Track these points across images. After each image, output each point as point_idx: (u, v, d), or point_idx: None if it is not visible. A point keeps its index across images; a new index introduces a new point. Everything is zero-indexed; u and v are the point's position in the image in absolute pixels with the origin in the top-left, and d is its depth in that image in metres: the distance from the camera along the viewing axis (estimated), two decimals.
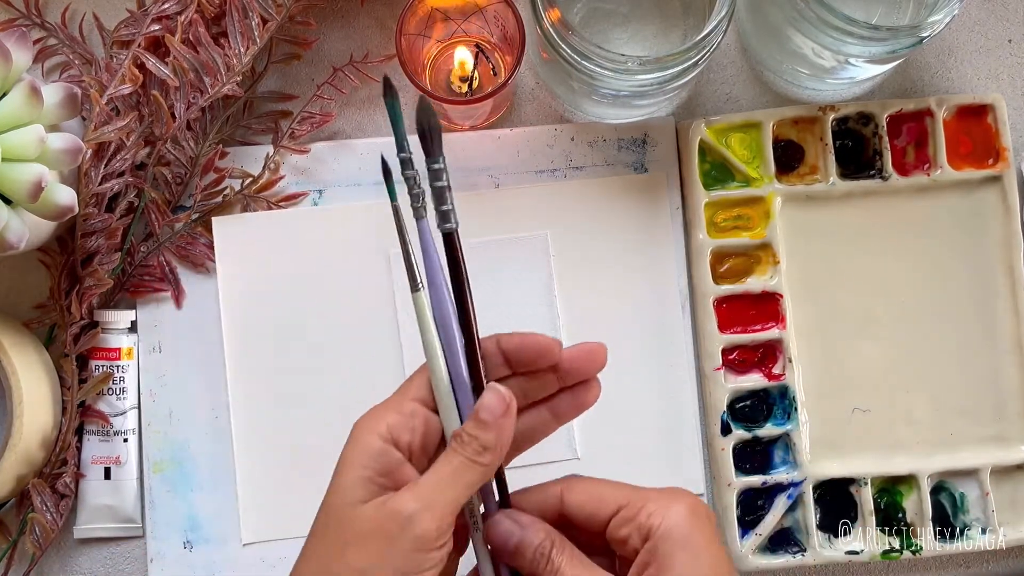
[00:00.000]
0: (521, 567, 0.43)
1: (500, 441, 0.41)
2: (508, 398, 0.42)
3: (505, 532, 0.43)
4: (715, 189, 0.62)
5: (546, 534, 0.43)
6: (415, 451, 0.42)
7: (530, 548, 0.42)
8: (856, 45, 0.54)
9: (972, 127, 0.62)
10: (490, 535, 0.43)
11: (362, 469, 0.41)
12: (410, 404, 0.43)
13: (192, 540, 0.60)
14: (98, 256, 0.59)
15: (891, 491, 0.61)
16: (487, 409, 0.41)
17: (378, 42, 0.63)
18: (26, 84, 0.51)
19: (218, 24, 0.60)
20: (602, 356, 0.44)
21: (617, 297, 0.62)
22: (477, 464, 0.41)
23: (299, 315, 0.61)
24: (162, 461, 0.61)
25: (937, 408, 0.61)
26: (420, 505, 0.39)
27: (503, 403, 0.42)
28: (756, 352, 0.61)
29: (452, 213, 0.44)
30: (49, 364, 0.60)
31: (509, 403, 0.42)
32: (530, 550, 0.42)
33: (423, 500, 0.40)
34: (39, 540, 0.59)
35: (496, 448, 0.41)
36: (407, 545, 0.39)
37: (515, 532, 0.43)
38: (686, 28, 0.61)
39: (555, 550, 0.42)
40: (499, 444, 0.41)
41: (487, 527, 0.43)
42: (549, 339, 0.43)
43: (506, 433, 0.42)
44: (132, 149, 0.59)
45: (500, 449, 0.42)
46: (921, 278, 0.62)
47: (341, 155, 0.62)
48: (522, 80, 0.64)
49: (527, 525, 0.43)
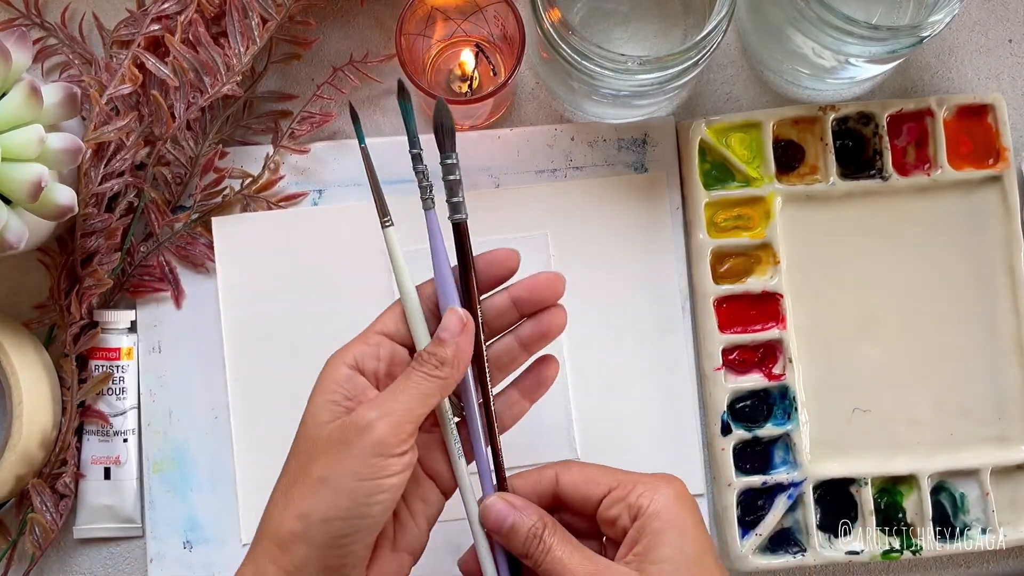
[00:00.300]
0: (513, 548, 0.45)
1: (457, 356, 0.45)
2: (465, 318, 0.46)
3: (499, 514, 0.45)
4: (715, 189, 0.62)
5: (538, 517, 0.45)
6: (380, 377, 0.46)
7: (523, 529, 0.45)
8: (856, 45, 0.54)
9: (972, 127, 0.62)
10: (485, 517, 0.46)
11: (329, 394, 0.44)
12: (375, 336, 0.46)
13: (192, 540, 0.60)
14: (98, 256, 0.59)
15: (891, 491, 0.61)
16: (446, 328, 0.45)
17: (378, 42, 0.63)
18: (26, 84, 0.51)
19: (218, 24, 0.60)
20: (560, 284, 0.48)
21: (617, 297, 0.62)
22: (434, 378, 0.44)
23: (299, 315, 0.61)
24: (162, 461, 0.61)
25: (937, 408, 0.61)
26: (377, 414, 0.42)
27: (460, 322, 0.45)
28: (756, 352, 0.61)
29: (462, 205, 0.48)
30: (49, 364, 0.60)
31: (466, 322, 0.45)
32: (523, 531, 0.45)
33: (380, 409, 0.43)
34: (39, 540, 0.59)
35: (453, 363, 0.44)
36: (364, 450, 0.42)
37: (509, 515, 0.45)
38: (686, 28, 0.61)
39: (547, 531, 0.44)
40: (456, 359, 0.45)
41: (482, 509, 0.46)
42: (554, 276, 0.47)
43: (463, 350, 0.45)
44: (132, 149, 0.59)
45: (457, 362, 0.45)
46: (921, 278, 0.62)
47: (341, 155, 0.62)
48: (522, 80, 0.64)
49: (521, 508, 0.45)
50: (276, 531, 0.42)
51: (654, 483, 0.45)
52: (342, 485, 0.42)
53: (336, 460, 0.42)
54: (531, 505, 0.46)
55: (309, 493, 0.42)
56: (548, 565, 0.44)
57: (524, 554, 0.45)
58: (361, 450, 0.42)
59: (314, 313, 0.61)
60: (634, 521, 0.44)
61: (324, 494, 0.42)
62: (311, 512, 0.42)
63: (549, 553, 0.44)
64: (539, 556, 0.44)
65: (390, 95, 0.63)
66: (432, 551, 0.61)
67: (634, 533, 0.44)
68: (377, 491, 0.42)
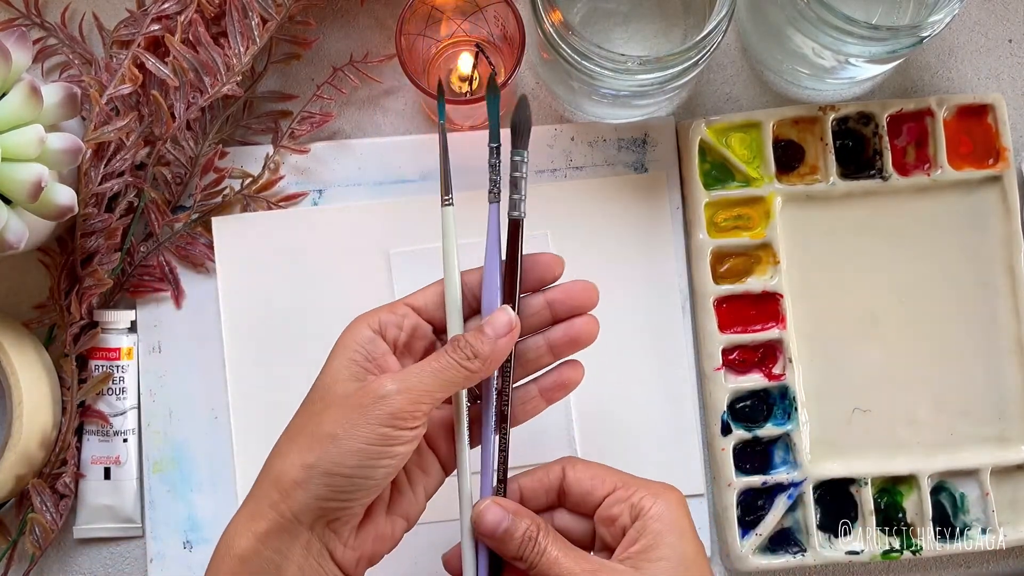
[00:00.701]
0: (507, 551, 0.46)
1: (493, 354, 0.45)
2: (515, 321, 0.46)
3: (493, 519, 0.46)
4: (715, 189, 0.62)
5: (532, 520, 0.46)
6: (399, 347, 0.47)
7: (517, 533, 0.45)
8: (856, 45, 0.54)
9: (972, 127, 0.62)
10: (478, 522, 0.46)
11: (351, 352, 0.45)
12: (403, 307, 0.47)
13: (192, 540, 0.60)
14: (98, 256, 0.59)
15: (891, 491, 0.61)
16: (493, 325, 0.46)
17: (378, 42, 0.63)
18: (26, 84, 0.51)
19: (218, 24, 0.60)
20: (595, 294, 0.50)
21: (617, 297, 0.62)
22: (464, 368, 0.45)
23: (299, 315, 0.61)
24: (162, 461, 0.61)
25: (937, 408, 0.61)
26: (397, 387, 0.43)
27: (509, 324, 0.46)
28: (756, 352, 0.61)
29: (522, 202, 0.49)
30: (49, 364, 0.60)
31: (514, 326, 0.46)
32: (518, 534, 0.45)
33: (401, 383, 0.43)
34: (39, 540, 0.59)
35: (487, 359, 0.45)
36: (379, 418, 0.43)
37: (503, 520, 0.45)
38: (686, 28, 0.61)
39: (541, 534, 0.45)
40: (491, 356, 0.45)
41: (475, 515, 0.46)
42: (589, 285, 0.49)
43: (500, 350, 0.46)
44: (132, 149, 0.59)
45: (490, 361, 0.45)
46: (921, 278, 0.62)
47: (341, 155, 0.62)
48: (522, 80, 0.64)
49: (515, 512, 0.46)
50: (278, 477, 0.43)
51: (656, 488, 0.46)
52: (350, 445, 0.42)
53: (349, 420, 0.43)
54: (523, 509, 0.46)
55: (317, 446, 0.43)
56: (543, 566, 0.44)
57: (518, 557, 0.45)
58: (375, 417, 0.43)
59: (314, 313, 0.61)
60: (634, 521, 0.45)
61: (332, 450, 0.42)
62: (316, 464, 0.42)
63: (544, 554, 0.45)
64: (534, 558, 0.45)
65: (390, 95, 0.63)
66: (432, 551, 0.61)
67: (633, 533, 0.45)
68: (383, 456, 0.43)
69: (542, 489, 0.48)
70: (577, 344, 0.49)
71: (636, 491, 0.46)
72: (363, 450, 0.42)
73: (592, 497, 0.47)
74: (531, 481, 0.49)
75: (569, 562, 0.44)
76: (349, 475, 0.42)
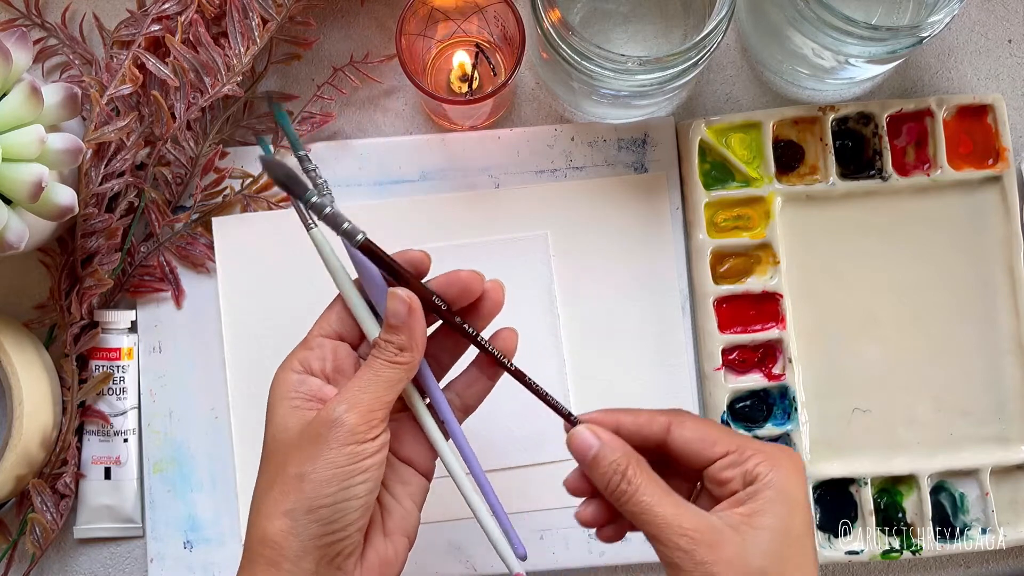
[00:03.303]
0: (596, 480, 0.45)
1: (413, 339, 0.44)
2: (408, 298, 0.44)
3: (585, 443, 0.45)
4: (715, 189, 0.62)
5: (623, 453, 0.44)
6: (330, 375, 0.46)
7: (605, 462, 0.44)
8: (856, 45, 0.54)
9: (972, 127, 0.62)
10: (571, 442, 0.46)
11: (288, 400, 0.44)
12: (315, 340, 0.47)
13: (192, 540, 0.60)
14: (98, 256, 0.59)
15: (891, 491, 0.61)
16: (393, 314, 0.44)
17: (378, 42, 0.63)
18: (26, 84, 0.51)
19: (218, 24, 0.60)
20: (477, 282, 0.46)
21: (617, 297, 0.62)
22: (396, 364, 0.44)
23: (299, 315, 0.61)
24: (162, 461, 0.61)
25: (937, 408, 0.61)
26: (345, 406, 0.43)
27: (405, 304, 0.44)
28: (756, 352, 0.61)
29: (353, 227, 0.45)
30: (49, 364, 0.60)
31: (410, 303, 0.44)
32: (605, 463, 0.44)
33: (347, 401, 0.43)
34: (39, 540, 0.59)
35: (411, 346, 0.44)
36: (338, 441, 0.42)
37: (594, 445, 0.45)
38: (686, 28, 0.61)
39: (631, 469, 0.44)
40: (412, 342, 0.44)
41: (569, 436, 0.46)
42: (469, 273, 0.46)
43: (416, 330, 0.44)
44: (132, 149, 0.59)
45: (414, 346, 0.44)
46: (921, 278, 0.62)
47: (341, 155, 0.62)
48: (522, 80, 0.64)
49: (607, 441, 0.45)
50: (263, 535, 0.42)
51: (775, 454, 0.44)
52: (321, 475, 0.42)
53: (311, 455, 0.42)
54: (616, 439, 0.45)
55: (291, 490, 0.42)
56: (634, 506, 0.43)
57: (604, 487, 0.44)
58: (336, 440, 0.42)
59: (314, 313, 0.61)
60: (746, 487, 0.43)
61: (305, 488, 0.42)
62: (295, 506, 0.42)
63: (636, 494, 0.43)
64: (621, 495, 0.43)
65: (390, 95, 0.63)
66: (432, 550, 0.61)
67: (743, 495, 0.43)
68: (356, 474, 0.42)
69: (639, 435, 0.46)
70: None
71: (752, 456, 0.44)
72: (335, 475, 0.42)
73: (700, 458, 0.45)
74: (629, 422, 0.46)
75: (663, 509, 0.43)
76: (331, 503, 0.42)
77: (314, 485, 0.42)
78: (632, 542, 0.60)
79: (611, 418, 0.46)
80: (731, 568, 0.41)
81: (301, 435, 0.43)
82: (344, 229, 0.44)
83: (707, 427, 0.46)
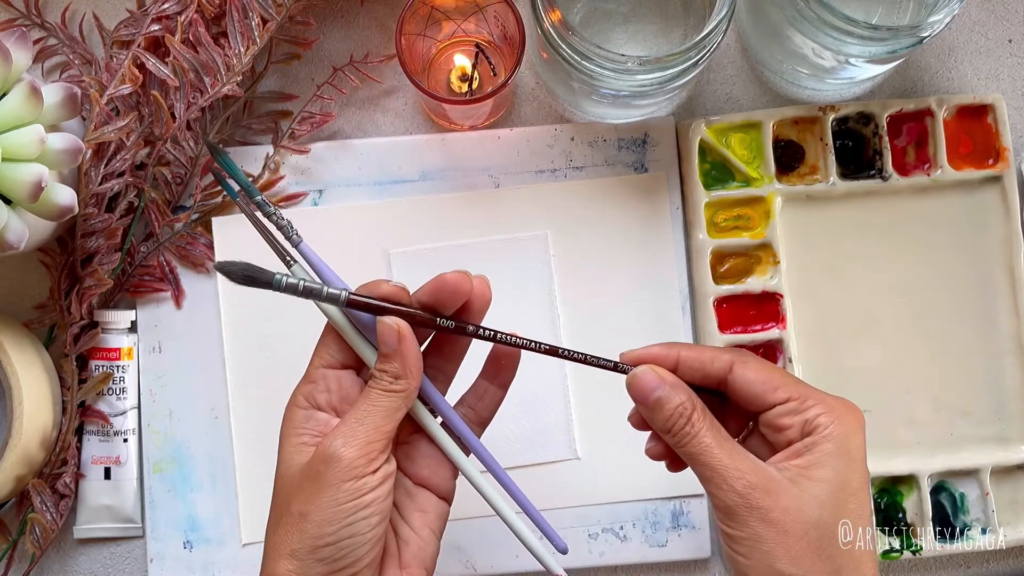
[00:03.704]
0: (655, 422, 0.44)
1: (407, 365, 0.44)
2: (396, 324, 0.44)
3: (648, 385, 0.44)
4: (715, 189, 0.62)
5: (688, 396, 0.44)
6: (337, 406, 0.45)
7: (670, 405, 0.44)
8: (856, 45, 0.54)
9: (972, 127, 0.62)
10: (631, 385, 0.45)
11: (296, 438, 0.44)
12: (317, 372, 0.45)
13: (192, 540, 0.60)
14: (98, 256, 0.59)
15: (891, 491, 0.61)
16: (384, 343, 0.44)
17: (378, 42, 0.63)
18: (26, 84, 0.51)
19: (218, 24, 0.60)
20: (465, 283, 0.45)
21: (617, 297, 0.62)
22: (393, 392, 0.43)
23: (299, 315, 0.61)
24: (162, 461, 0.61)
25: (937, 408, 0.61)
26: (341, 441, 0.42)
27: (393, 332, 0.44)
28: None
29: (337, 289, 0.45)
30: (49, 364, 0.60)
31: (399, 329, 0.44)
32: (670, 407, 0.44)
33: (343, 435, 0.42)
34: (39, 540, 0.59)
35: (406, 373, 0.44)
36: (337, 477, 0.41)
37: (658, 387, 0.44)
38: (686, 28, 0.61)
39: (696, 414, 0.44)
40: (407, 368, 0.44)
41: (630, 378, 0.45)
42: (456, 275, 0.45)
43: (409, 356, 0.44)
44: (132, 149, 0.59)
45: (409, 372, 0.44)
46: (921, 278, 0.62)
47: (341, 155, 0.62)
48: (522, 80, 0.64)
49: (673, 384, 0.44)
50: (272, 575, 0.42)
51: (837, 406, 0.44)
52: (323, 515, 0.41)
53: (312, 494, 0.42)
54: (682, 384, 0.45)
55: (294, 530, 0.42)
56: (693, 448, 0.43)
57: (667, 430, 0.44)
58: (334, 477, 0.41)
59: (314, 313, 0.61)
60: (804, 436, 0.43)
61: (307, 527, 0.41)
62: (300, 546, 0.41)
63: (697, 437, 0.43)
64: (683, 437, 0.43)
65: (390, 95, 0.63)
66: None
67: (800, 447, 0.43)
68: (359, 509, 0.42)
69: (700, 371, 0.45)
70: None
71: (813, 406, 0.43)
72: (337, 512, 0.41)
73: (760, 401, 0.44)
74: (692, 358, 0.45)
75: (722, 453, 0.42)
76: (335, 541, 0.41)
77: (315, 524, 0.41)
78: (632, 542, 0.61)
79: (672, 353, 0.46)
80: (787, 515, 0.41)
81: (303, 473, 0.43)
82: (326, 295, 0.44)
83: (771, 370, 0.45)
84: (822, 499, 0.42)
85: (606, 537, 0.61)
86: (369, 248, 0.61)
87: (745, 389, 0.45)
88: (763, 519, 0.41)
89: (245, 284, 0.45)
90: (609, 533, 0.61)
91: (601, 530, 0.61)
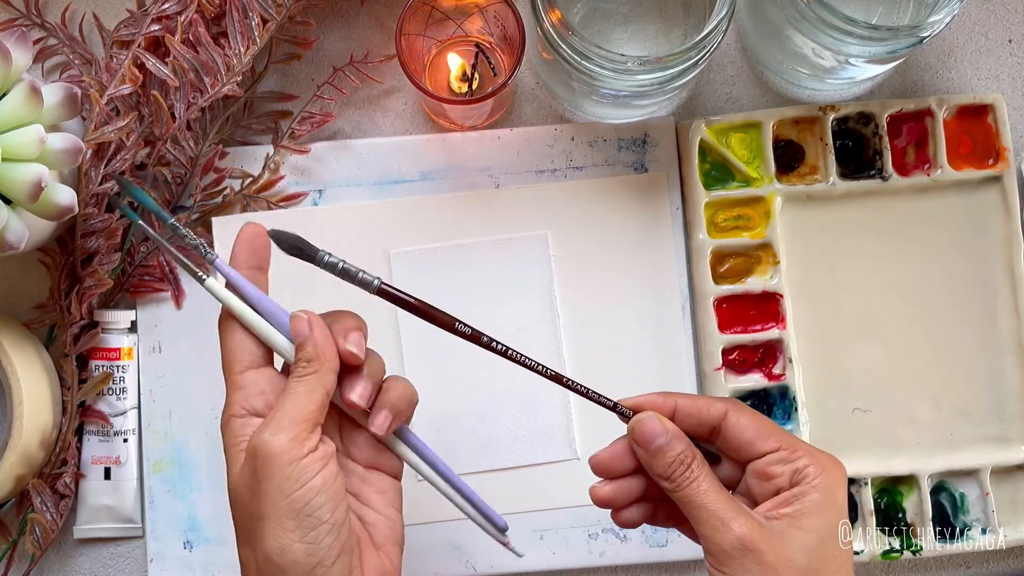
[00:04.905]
0: (654, 467, 0.46)
1: (318, 347, 0.45)
2: (305, 314, 0.46)
3: (652, 430, 0.46)
4: (715, 189, 0.62)
5: (687, 445, 0.46)
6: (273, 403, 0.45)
7: (672, 453, 0.45)
8: (856, 45, 0.54)
9: (972, 127, 0.62)
10: (636, 429, 0.46)
11: (238, 448, 0.44)
12: (244, 377, 0.46)
13: (192, 540, 0.60)
14: (98, 256, 0.59)
15: (891, 491, 0.61)
16: (297, 334, 0.45)
17: (378, 42, 0.63)
18: (26, 84, 0.51)
19: (218, 24, 0.60)
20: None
21: (617, 297, 0.62)
22: (308, 375, 0.44)
23: None
24: (162, 461, 0.61)
25: (937, 408, 0.61)
26: (268, 433, 0.43)
27: (304, 321, 0.45)
28: (756, 352, 0.61)
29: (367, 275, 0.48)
30: (49, 364, 0.60)
31: (308, 318, 0.46)
32: (672, 454, 0.45)
33: (270, 428, 0.43)
34: (39, 540, 0.59)
35: (318, 356, 0.45)
36: (277, 468, 0.42)
37: (661, 435, 0.45)
38: (686, 28, 0.61)
39: (696, 463, 0.45)
40: (319, 352, 0.45)
41: (635, 422, 0.46)
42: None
43: (320, 340, 0.45)
44: (132, 149, 0.59)
45: (321, 354, 0.45)
46: (921, 278, 0.62)
47: (341, 155, 0.62)
48: (522, 80, 0.64)
49: (675, 434, 0.46)
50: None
51: (822, 458, 0.46)
52: (277, 509, 0.42)
53: (260, 494, 0.42)
54: (681, 433, 0.46)
55: (258, 535, 0.42)
56: (691, 491, 0.44)
57: (667, 476, 0.45)
58: (273, 470, 0.42)
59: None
60: (793, 486, 0.45)
61: (268, 528, 0.42)
62: (269, 550, 0.41)
63: (696, 481, 0.44)
64: (683, 481, 0.45)
65: (390, 95, 0.63)
66: (432, 551, 0.61)
67: (789, 495, 0.44)
68: (310, 494, 0.42)
69: (696, 418, 0.47)
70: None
71: (802, 457, 0.45)
72: (290, 502, 0.41)
73: (750, 449, 0.46)
74: (688, 406, 0.47)
75: (721, 500, 0.44)
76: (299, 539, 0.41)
77: (275, 522, 0.42)
78: (632, 542, 0.61)
79: (669, 402, 0.47)
80: (779, 560, 0.43)
81: (246, 474, 0.43)
82: (360, 279, 0.47)
83: (762, 420, 0.47)
84: (810, 548, 0.43)
85: (606, 537, 0.61)
86: (369, 248, 0.61)
87: (739, 436, 0.46)
88: (759, 562, 0.43)
89: (290, 253, 0.47)
90: (609, 533, 0.61)
91: (601, 530, 0.61)
